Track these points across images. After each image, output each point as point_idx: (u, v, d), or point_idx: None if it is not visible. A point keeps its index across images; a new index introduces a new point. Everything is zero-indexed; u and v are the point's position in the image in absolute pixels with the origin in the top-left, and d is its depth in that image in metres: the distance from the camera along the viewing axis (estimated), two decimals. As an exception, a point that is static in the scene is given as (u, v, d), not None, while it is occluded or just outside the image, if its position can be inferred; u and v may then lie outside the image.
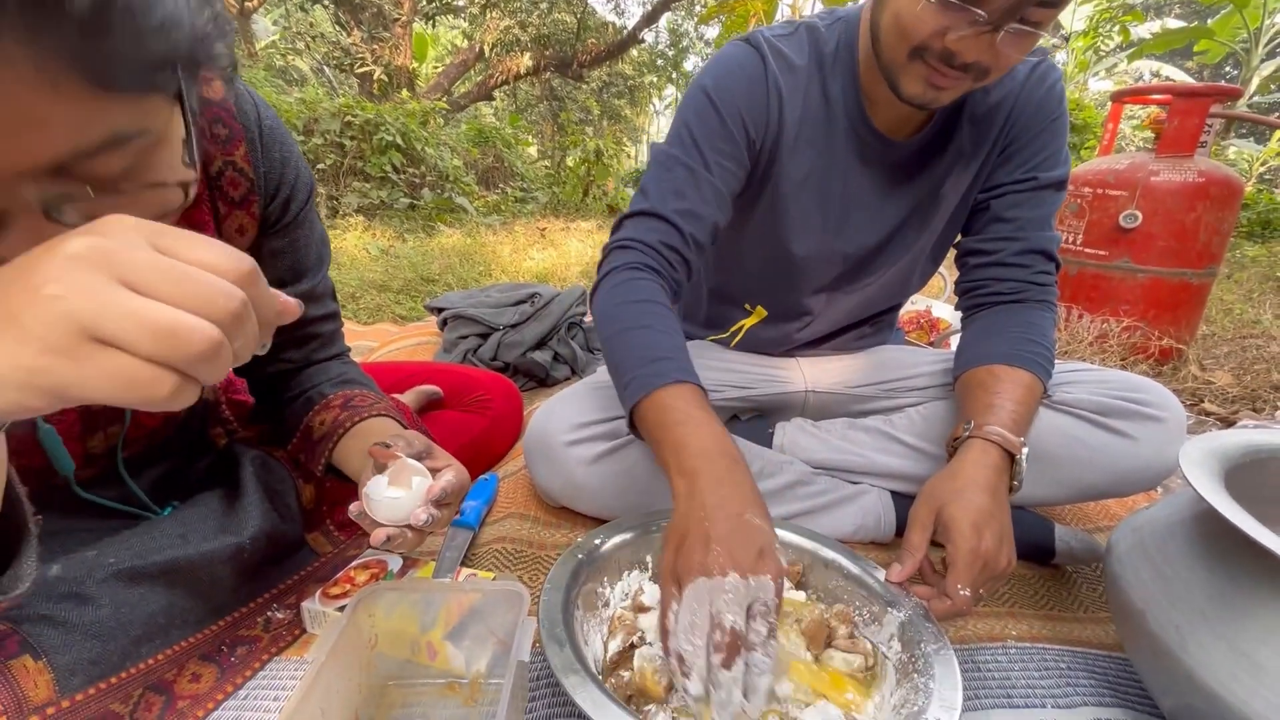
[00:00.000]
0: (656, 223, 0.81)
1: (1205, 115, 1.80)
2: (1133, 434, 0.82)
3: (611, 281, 0.79)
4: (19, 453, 0.56)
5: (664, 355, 0.72)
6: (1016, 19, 0.64)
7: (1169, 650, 0.55)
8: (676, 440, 0.64)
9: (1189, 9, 9.99)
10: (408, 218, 4.85)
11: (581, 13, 9.60)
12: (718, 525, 0.55)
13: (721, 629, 0.49)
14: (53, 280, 0.26)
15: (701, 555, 0.53)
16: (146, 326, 0.27)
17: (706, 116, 0.82)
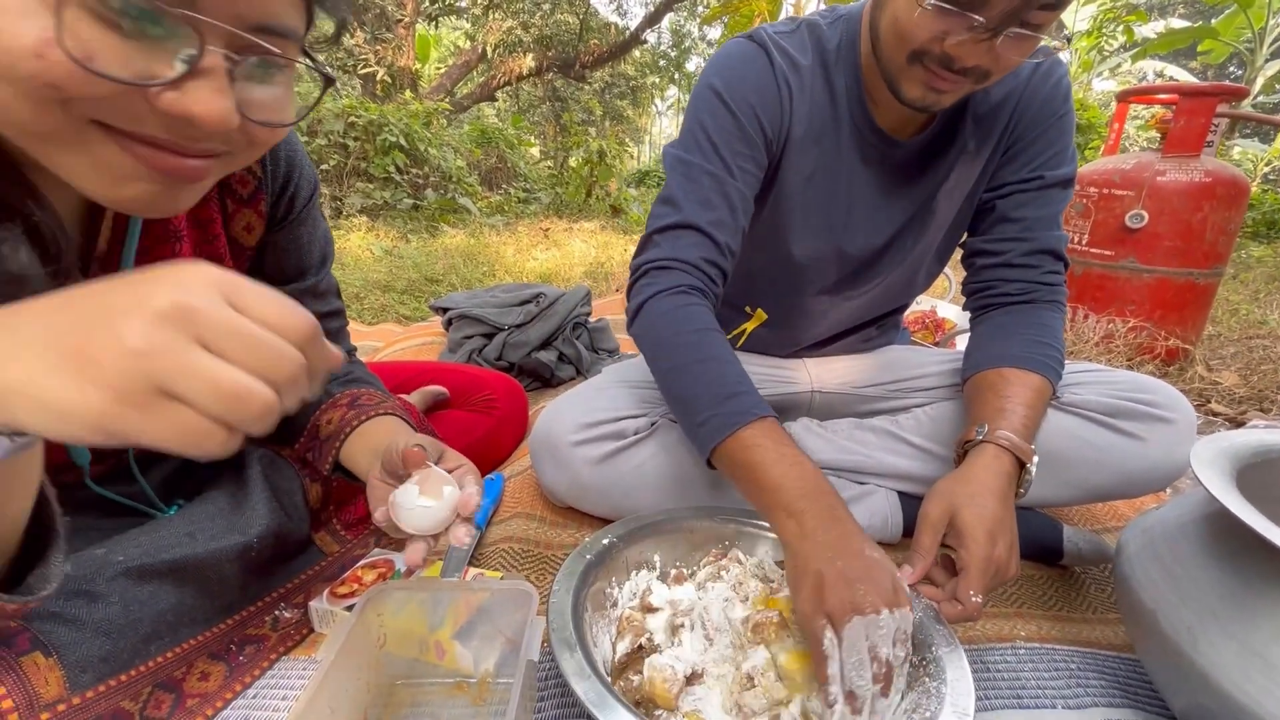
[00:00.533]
0: (694, 236, 0.79)
1: (1211, 115, 1.80)
2: (1142, 435, 0.82)
3: (661, 307, 0.76)
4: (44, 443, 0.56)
5: (738, 390, 0.71)
6: (1015, 24, 0.63)
7: (1180, 650, 0.55)
8: (774, 481, 0.64)
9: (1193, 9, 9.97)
10: (411, 218, 4.86)
11: (584, 14, 9.62)
12: (851, 564, 0.56)
13: (879, 661, 0.52)
14: (138, 335, 0.27)
15: (849, 594, 0.54)
16: (216, 390, 0.28)
17: (721, 118, 0.80)
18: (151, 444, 0.29)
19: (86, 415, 0.27)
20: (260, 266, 0.70)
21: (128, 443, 0.28)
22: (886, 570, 0.57)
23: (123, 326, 0.27)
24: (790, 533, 0.61)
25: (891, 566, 0.58)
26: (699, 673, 0.59)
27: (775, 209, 0.88)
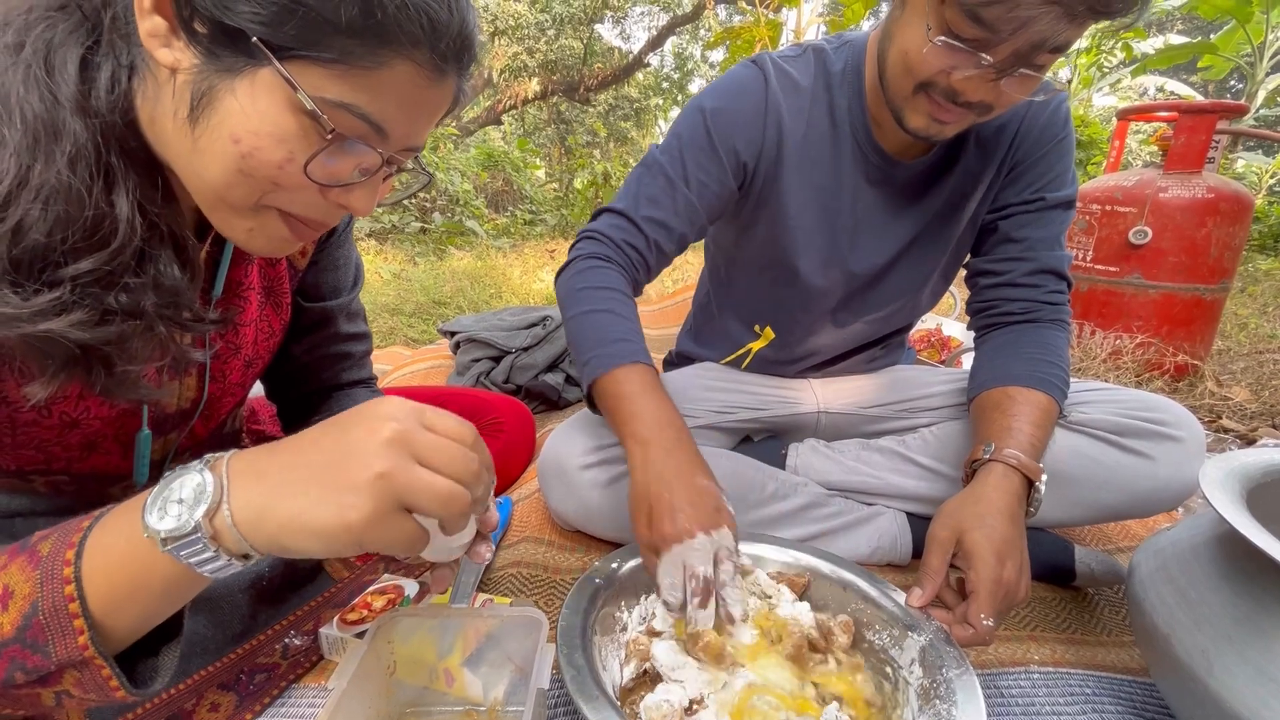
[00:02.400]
0: (625, 223, 0.85)
1: (1211, 132, 1.81)
2: (1151, 454, 0.81)
3: (576, 267, 0.84)
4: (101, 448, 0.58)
5: (621, 338, 0.77)
6: (1023, 65, 0.65)
7: (1196, 675, 0.54)
8: (630, 412, 0.72)
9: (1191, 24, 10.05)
10: (419, 241, 4.91)
11: (588, 39, 9.79)
12: (677, 493, 0.64)
13: (695, 578, 0.60)
14: (379, 460, 0.36)
15: (671, 524, 0.62)
16: (436, 496, 0.38)
17: (697, 133, 0.85)
18: (385, 549, 0.37)
19: (348, 535, 0.36)
20: (304, 285, 0.74)
21: (366, 550, 0.37)
22: (710, 496, 0.65)
23: (366, 454, 0.36)
24: (635, 459, 0.69)
25: (718, 492, 0.66)
26: (700, 698, 0.58)
27: (776, 228, 0.90)
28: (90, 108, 0.40)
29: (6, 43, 0.39)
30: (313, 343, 0.77)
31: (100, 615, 0.36)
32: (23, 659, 0.34)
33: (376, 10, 0.39)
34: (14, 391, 0.47)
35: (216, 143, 0.41)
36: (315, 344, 0.77)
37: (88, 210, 0.40)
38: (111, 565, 0.36)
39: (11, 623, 0.35)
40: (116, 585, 0.36)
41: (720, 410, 1.03)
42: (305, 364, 0.78)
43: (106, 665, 0.35)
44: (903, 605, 0.67)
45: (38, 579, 0.35)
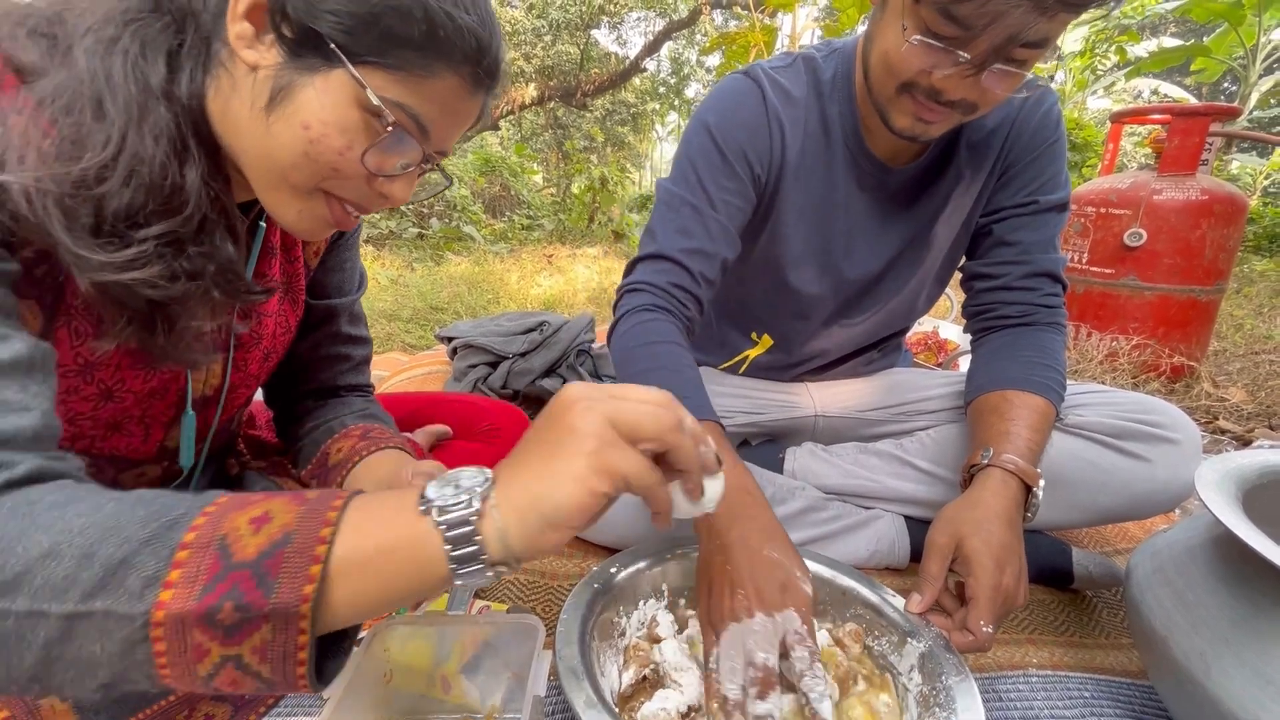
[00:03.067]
0: (665, 264, 0.82)
1: (1204, 134, 1.82)
2: (1147, 456, 0.82)
3: (626, 324, 0.81)
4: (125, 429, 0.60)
5: (685, 395, 0.73)
6: (999, 61, 0.65)
7: (1193, 678, 0.54)
8: None
9: (1185, 27, 10.11)
10: (416, 247, 4.91)
11: (584, 44, 9.82)
12: (739, 567, 0.58)
13: (754, 667, 0.53)
14: (592, 437, 0.39)
15: (730, 601, 0.56)
16: (644, 416, 0.40)
17: (709, 154, 0.83)
18: (635, 486, 0.39)
19: (586, 507, 0.38)
20: (313, 283, 0.77)
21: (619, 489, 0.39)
22: (777, 571, 0.58)
23: (581, 437, 0.38)
24: (702, 529, 0.65)
25: (788, 566, 0.60)
26: (696, 708, 0.58)
27: (773, 238, 0.90)
28: (174, 94, 0.47)
29: (108, 35, 0.45)
30: (315, 340, 0.80)
31: (335, 574, 0.35)
32: (244, 589, 0.33)
33: (439, 30, 0.47)
34: (65, 353, 0.51)
35: (289, 130, 0.47)
36: (317, 342, 0.80)
37: (167, 180, 0.46)
38: (370, 526, 0.37)
39: (257, 546, 0.34)
40: (365, 549, 0.36)
41: (718, 415, 1.03)
42: (306, 362, 0.80)
43: (309, 631, 0.34)
44: (902, 611, 0.67)
45: (300, 513, 0.36)
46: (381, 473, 0.72)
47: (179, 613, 0.32)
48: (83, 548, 0.32)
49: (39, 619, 0.31)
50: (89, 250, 0.43)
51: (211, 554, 0.33)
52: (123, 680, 0.33)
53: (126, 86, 0.45)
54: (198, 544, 0.33)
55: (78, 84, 0.43)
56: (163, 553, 0.33)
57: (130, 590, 0.32)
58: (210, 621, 0.32)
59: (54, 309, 0.49)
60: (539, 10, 9.50)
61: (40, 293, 0.48)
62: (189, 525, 0.34)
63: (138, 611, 0.32)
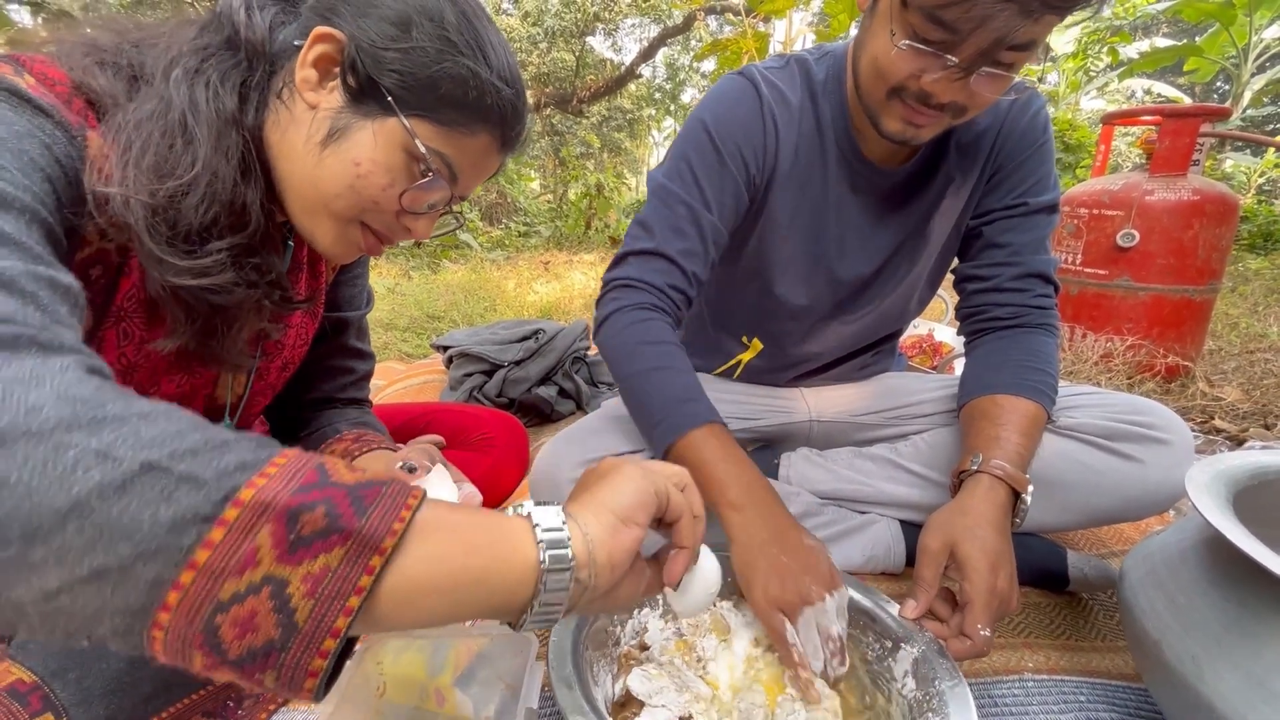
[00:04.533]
0: (661, 263, 0.82)
1: (1195, 135, 1.83)
2: (1139, 457, 0.82)
3: (622, 320, 0.80)
4: None
5: (690, 397, 0.76)
6: (987, 64, 0.65)
7: (1186, 681, 0.54)
8: (719, 478, 0.70)
9: (1177, 27, 10.16)
10: (413, 255, 4.92)
11: (580, 51, 9.86)
12: (794, 557, 0.65)
13: (832, 640, 0.62)
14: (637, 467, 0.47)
15: (797, 589, 0.63)
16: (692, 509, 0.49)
17: (705, 152, 0.83)
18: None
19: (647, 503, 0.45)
20: (327, 296, 0.80)
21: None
22: (824, 557, 0.66)
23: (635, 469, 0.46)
24: (734, 525, 0.68)
25: (825, 551, 0.67)
26: (689, 716, 0.58)
27: (766, 239, 0.90)
28: (243, 122, 0.53)
29: (193, 67, 0.51)
30: (324, 352, 0.83)
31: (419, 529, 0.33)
32: (338, 502, 0.31)
33: (486, 98, 0.55)
34: (110, 353, 0.54)
35: (340, 164, 0.54)
36: (326, 352, 0.83)
37: (236, 199, 0.52)
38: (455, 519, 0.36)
39: (355, 478, 0.33)
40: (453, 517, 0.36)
41: None
42: (312, 373, 0.82)
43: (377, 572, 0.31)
44: (896, 617, 0.67)
45: (388, 479, 0.35)
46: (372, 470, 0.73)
47: (268, 499, 0.29)
48: (180, 422, 0.30)
49: (104, 460, 0.27)
50: (172, 256, 0.49)
51: (310, 466, 0.32)
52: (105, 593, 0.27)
53: (209, 113, 0.51)
54: (296, 458, 0.32)
55: (168, 109, 0.49)
56: (262, 454, 0.31)
57: (224, 467, 0.29)
58: (292, 520, 0.29)
59: (103, 310, 0.53)
60: (534, 18, 9.53)
61: (92, 294, 0.50)
62: (280, 450, 0.33)
63: (225, 485, 0.29)
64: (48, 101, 0.45)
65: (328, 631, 0.30)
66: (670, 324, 0.81)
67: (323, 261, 0.76)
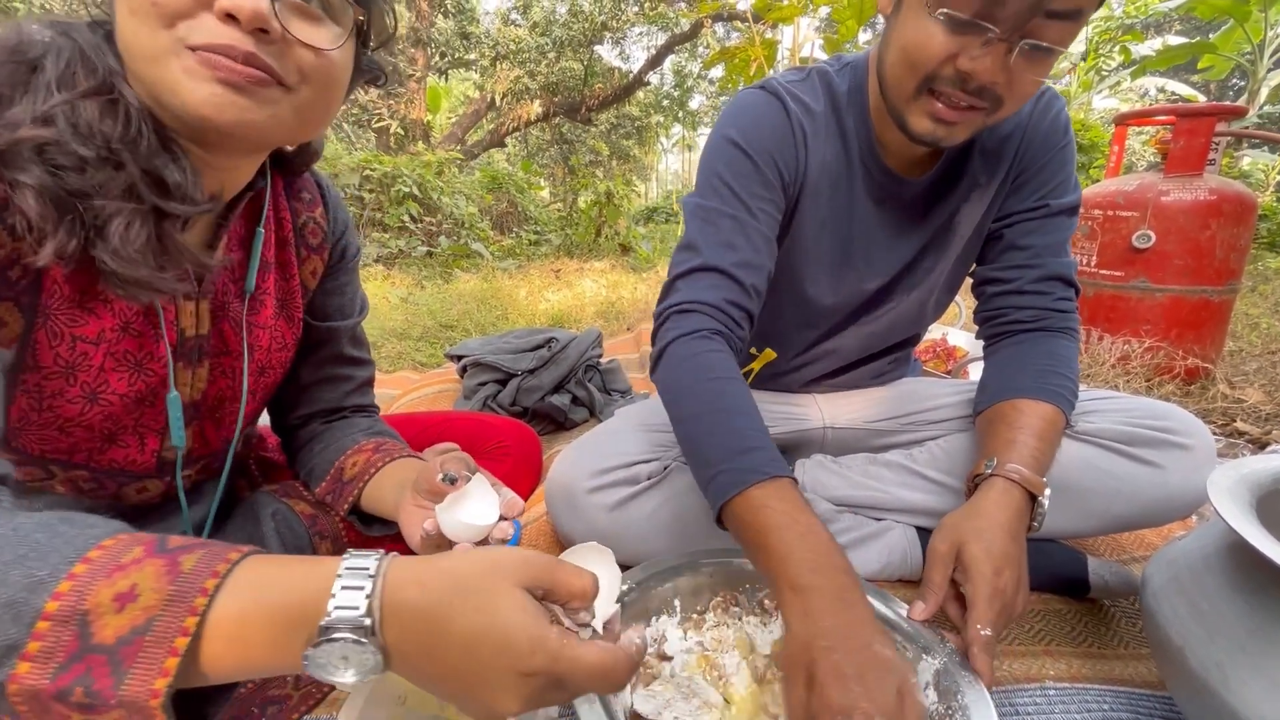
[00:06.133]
0: (716, 278, 0.77)
1: (1210, 134, 1.81)
2: (1160, 463, 0.81)
3: (680, 353, 0.74)
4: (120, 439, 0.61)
5: (754, 445, 0.67)
6: (1028, 34, 0.63)
7: (1211, 689, 0.54)
8: (782, 549, 0.59)
9: (1190, 24, 10.05)
10: (425, 265, 4.96)
11: (588, 60, 9.93)
12: (850, 659, 0.51)
13: None
14: (516, 705, 0.38)
15: (840, 695, 0.49)
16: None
17: (739, 164, 0.81)
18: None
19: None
20: (313, 305, 0.79)
21: None
22: (893, 671, 0.51)
23: (507, 704, 0.37)
24: (794, 611, 0.56)
25: (904, 667, 0.52)
26: None
27: (791, 251, 0.90)
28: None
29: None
30: (318, 361, 0.82)
31: (203, 657, 0.34)
32: (95, 676, 0.32)
33: None
34: (45, 355, 0.53)
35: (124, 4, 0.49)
36: (320, 362, 0.82)
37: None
38: (252, 612, 0.35)
39: (116, 631, 0.33)
40: (239, 634, 0.35)
41: None
42: (310, 384, 0.82)
43: (163, 717, 0.33)
44: (918, 628, 0.66)
45: (169, 595, 0.34)
46: (399, 477, 0.74)
47: (32, 688, 0.32)
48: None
49: None
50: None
51: (71, 630, 0.32)
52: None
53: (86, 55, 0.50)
54: (59, 615, 0.32)
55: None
56: (24, 620, 0.32)
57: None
58: (64, 700, 0.32)
59: (33, 310, 0.52)
60: (542, 28, 9.62)
61: (16, 294, 0.50)
62: (53, 591, 0.33)
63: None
64: None
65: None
66: (729, 350, 0.75)
67: (294, 263, 0.74)
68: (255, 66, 0.50)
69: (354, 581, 0.36)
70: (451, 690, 0.38)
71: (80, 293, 0.54)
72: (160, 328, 0.60)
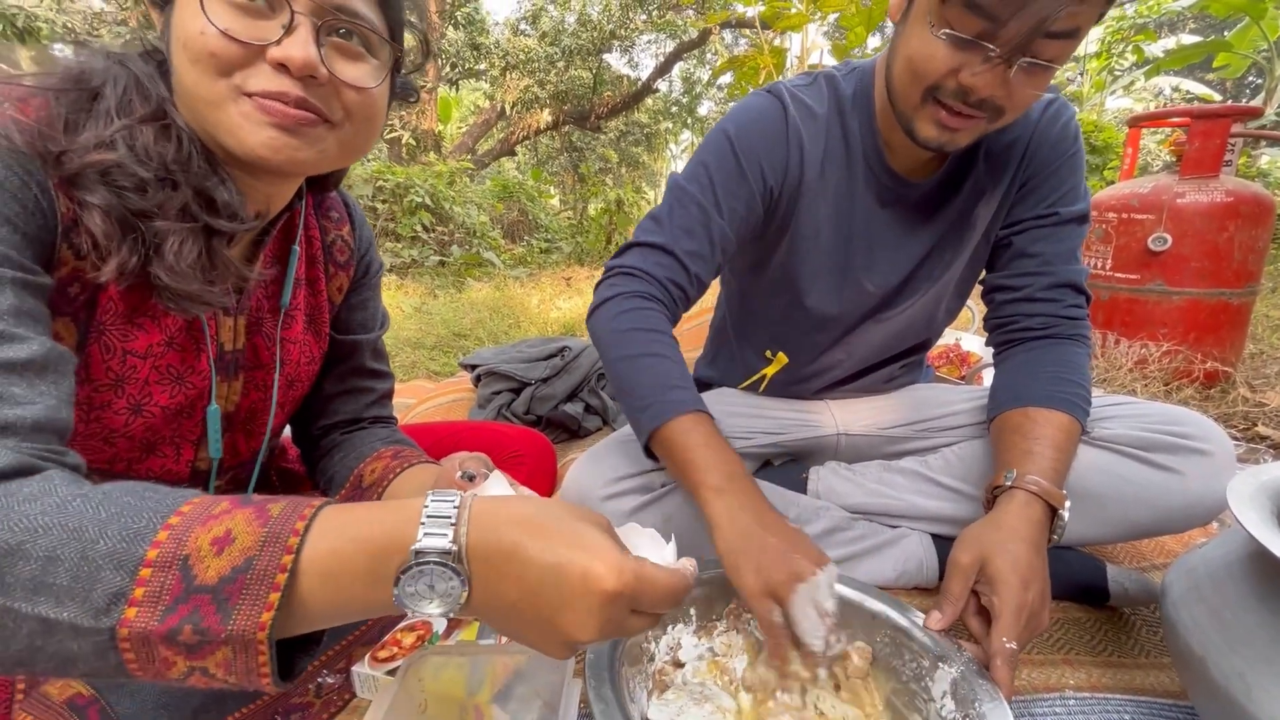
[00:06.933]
0: (665, 258, 0.84)
1: (1226, 135, 1.79)
2: (1179, 469, 0.80)
3: (619, 306, 0.82)
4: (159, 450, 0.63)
5: (678, 384, 0.77)
6: (1028, 53, 0.64)
7: (1234, 699, 0.53)
8: (698, 463, 0.71)
9: (1204, 23, 9.94)
10: (438, 274, 5.01)
11: (597, 68, 9.99)
12: (781, 538, 0.65)
13: (827, 614, 0.61)
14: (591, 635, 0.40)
15: (788, 569, 0.62)
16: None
17: (725, 160, 0.85)
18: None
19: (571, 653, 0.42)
20: (338, 319, 0.82)
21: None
22: (806, 537, 0.67)
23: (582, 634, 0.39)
24: (715, 510, 0.68)
25: (805, 534, 0.67)
26: None
27: (793, 252, 0.91)
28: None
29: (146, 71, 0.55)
30: (340, 374, 0.84)
31: (300, 595, 0.36)
32: (203, 614, 0.34)
33: None
34: (98, 368, 0.56)
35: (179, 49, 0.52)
36: (343, 375, 0.84)
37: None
38: (343, 547, 0.37)
39: (218, 571, 0.35)
40: (333, 569, 0.37)
41: (740, 435, 1.04)
42: (332, 395, 0.84)
43: (267, 652, 0.35)
44: (934, 637, 0.66)
45: (262, 536, 0.36)
46: (418, 482, 0.76)
47: (142, 631, 0.33)
48: (47, 549, 0.33)
49: (18, 616, 0.32)
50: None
51: (174, 574, 0.34)
52: (102, 673, 0.35)
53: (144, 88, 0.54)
54: (160, 562, 0.34)
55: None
56: (126, 567, 0.34)
57: (96, 605, 0.33)
58: (172, 641, 0.34)
59: (87, 326, 0.54)
60: (552, 38, 9.70)
61: (75, 310, 0.53)
62: (152, 540, 0.35)
63: (104, 626, 0.33)
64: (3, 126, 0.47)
65: (259, 684, 0.36)
66: (666, 315, 0.82)
67: (322, 279, 0.77)
68: (305, 109, 0.54)
69: (440, 511, 0.38)
70: (529, 620, 0.39)
71: (131, 309, 0.56)
72: (203, 342, 0.63)
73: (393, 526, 0.38)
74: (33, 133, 0.48)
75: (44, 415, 0.41)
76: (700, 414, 0.75)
